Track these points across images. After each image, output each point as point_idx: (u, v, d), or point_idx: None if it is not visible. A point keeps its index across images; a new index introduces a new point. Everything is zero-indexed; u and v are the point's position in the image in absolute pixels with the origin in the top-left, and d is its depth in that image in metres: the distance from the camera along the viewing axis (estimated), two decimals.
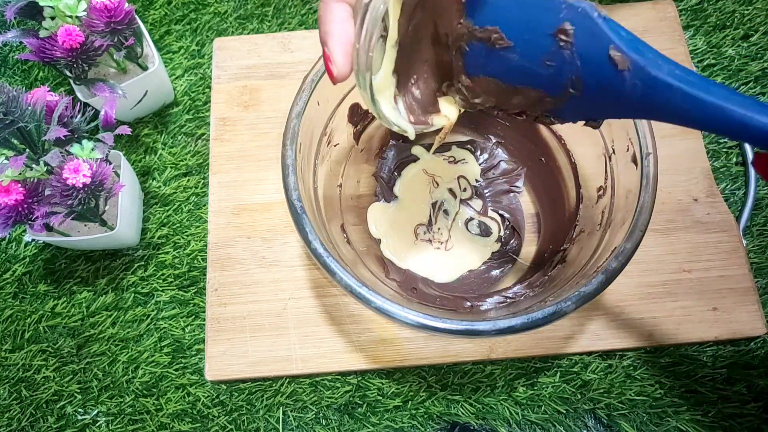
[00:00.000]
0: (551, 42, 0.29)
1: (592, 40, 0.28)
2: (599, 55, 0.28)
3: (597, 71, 0.28)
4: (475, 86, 0.33)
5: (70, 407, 0.48)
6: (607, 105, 0.29)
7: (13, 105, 0.41)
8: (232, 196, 0.53)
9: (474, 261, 0.49)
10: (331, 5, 0.28)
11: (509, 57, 0.31)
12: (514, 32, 0.30)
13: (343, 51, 0.28)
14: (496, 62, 0.31)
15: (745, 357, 0.48)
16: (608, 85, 0.28)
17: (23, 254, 0.53)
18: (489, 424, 0.47)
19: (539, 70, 0.30)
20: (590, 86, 0.29)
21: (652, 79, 0.28)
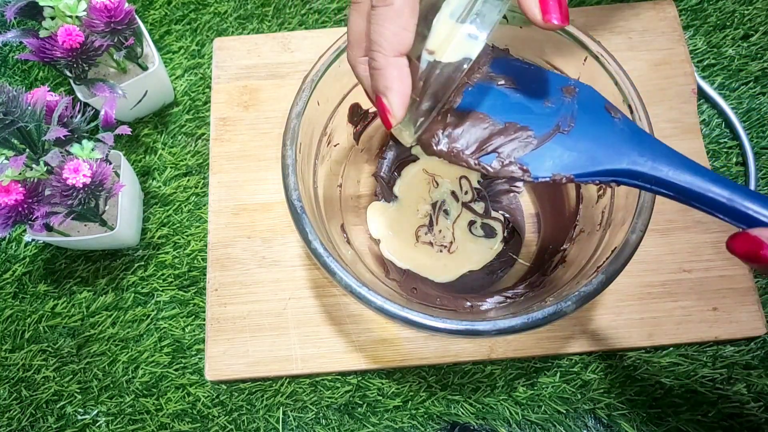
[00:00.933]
0: (557, 92, 0.34)
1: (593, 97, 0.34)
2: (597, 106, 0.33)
3: (592, 115, 0.33)
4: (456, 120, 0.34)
5: (70, 407, 0.48)
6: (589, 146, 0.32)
7: (13, 105, 0.41)
8: (232, 196, 0.53)
9: (477, 262, 0.49)
10: (390, 61, 0.29)
11: (510, 96, 0.34)
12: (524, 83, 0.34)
13: (402, 106, 0.30)
14: (494, 98, 0.34)
15: (745, 357, 0.48)
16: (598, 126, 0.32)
17: (23, 254, 0.53)
18: (489, 424, 0.47)
19: (535, 110, 0.33)
20: (581, 125, 0.32)
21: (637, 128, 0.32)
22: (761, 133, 0.55)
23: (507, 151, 0.33)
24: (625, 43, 0.56)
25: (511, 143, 0.33)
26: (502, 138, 0.33)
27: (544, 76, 0.35)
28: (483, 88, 0.35)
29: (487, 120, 0.34)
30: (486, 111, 0.34)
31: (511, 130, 0.33)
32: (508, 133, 0.33)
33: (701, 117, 0.55)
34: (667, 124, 0.53)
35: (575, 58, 0.41)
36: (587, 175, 0.32)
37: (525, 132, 0.33)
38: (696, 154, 0.53)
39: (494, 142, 0.33)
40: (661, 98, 0.54)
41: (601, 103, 0.33)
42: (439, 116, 0.34)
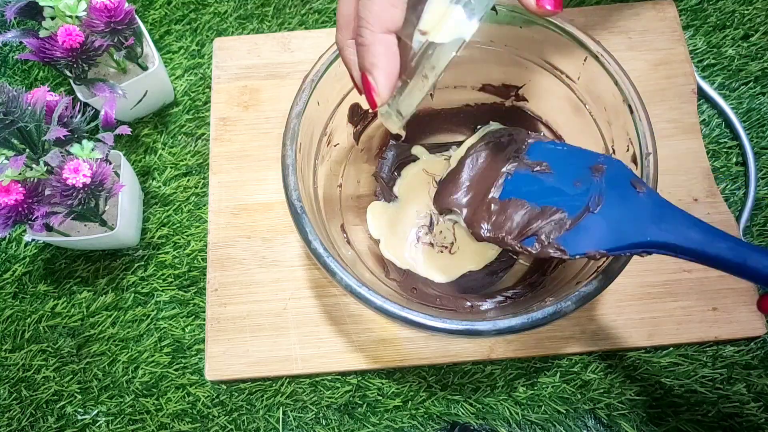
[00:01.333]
0: (586, 171, 0.37)
1: (620, 174, 0.36)
2: (623, 182, 0.35)
3: (618, 192, 0.35)
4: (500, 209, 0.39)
5: (70, 407, 0.48)
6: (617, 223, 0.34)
7: (13, 105, 0.41)
8: (232, 196, 0.53)
9: (479, 262, 0.49)
10: (377, 37, 0.29)
11: (545, 181, 0.38)
12: (557, 165, 0.38)
13: (388, 84, 0.30)
14: (532, 185, 0.39)
15: (745, 357, 0.48)
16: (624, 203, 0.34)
17: (23, 254, 0.53)
18: (489, 424, 0.47)
19: (567, 192, 0.37)
20: (609, 203, 0.35)
21: (661, 201, 0.34)
22: (761, 133, 0.55)
23: (545, 233, 0.36)
24: (625, 43, 0.56)
25: (547, 226, 0.36)
26: (540, 222, 0.37)
27: (575, 156, 0.38)
28: (521, 176, 0.39)
29: (526, 206, 0.38)
30: (524, 197, 0.38)
31: (547, 214, 0.37)
32: (545, 217, 0.37)
33: (701, 117, 0.55)
34: (667, 124, 0.53)
35: (575, 58, 0.41)
36: (618, 249, 0.34)
37: (559, 214, 0.36)
38: (696, 154, 0.53)
39: (533, 226, 0.37)
40: (661, 98, 0.54)
41: (627, 179, 0.35)
42: (485, 206, 0.39)
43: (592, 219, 0.35)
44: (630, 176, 0.35)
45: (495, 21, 0.43)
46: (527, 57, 0.44)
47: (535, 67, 0.45)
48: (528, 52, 0.44)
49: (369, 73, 0.29)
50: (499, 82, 0.48)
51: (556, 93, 0.45)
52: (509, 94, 0.49)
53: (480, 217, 0.39)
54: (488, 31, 0.44)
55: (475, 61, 0.47)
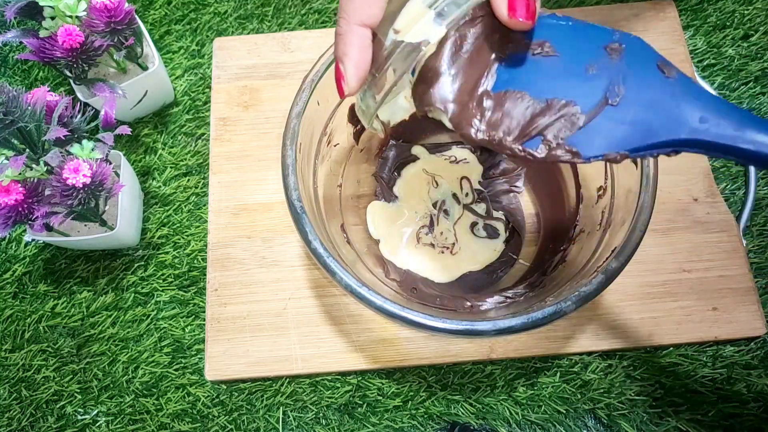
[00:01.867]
0: (600, 52, 0.30)
1: (642, 54, 0.29)
2: (648, 64, 0.29)
3: (643, 77, 0.29)
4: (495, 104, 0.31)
5: (70, 407, 0.48)
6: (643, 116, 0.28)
7: (13, 105, 0.41)
8: (232, 196, 0.53)
9: (481, 263, 0.49)
10: (353, 28, 0.30)
11: (550, 66, 0.31)
12: (564, 45, 0.31)
13: (357, 75, 0.30)
14: (532, 72, 0.31)
15: (745, 357, 0.48)
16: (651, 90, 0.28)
17: (23, 254, 0.53)
18: (489, 424, 0.47)
19: (578, 79, 0.30)
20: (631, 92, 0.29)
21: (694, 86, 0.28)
22: None
23: (553, 132, 0.30)
24: None
25: (556, 123, 0.30)
26: (546, 118, 0.30)
27: (583, 32, 0.31)
28: (518, 60, 0.31)
29: (526, 99, 0.30)
30: (524, 88, 0.31)
31: (554, 108, 0.30)
32: (552, 112, 0.30)
33: None
34: None
35: None
36: (643, 149, 0.28)
37: (570, 108, 0.29)
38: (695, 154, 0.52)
39: (538, 124, 0.30)
40: None
41: (653, 61, 0.29)
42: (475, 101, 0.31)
43: (612, 112, 0.29)
44: (656, 57, 0.29)
45: None
46: None
47: None
48: None
49: (340, 61, 0.31)
50: None
51: None
52: None
53: (470, 115, 0.31)
54: None
55: None
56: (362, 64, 0.30)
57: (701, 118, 0.27)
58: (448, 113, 0.32)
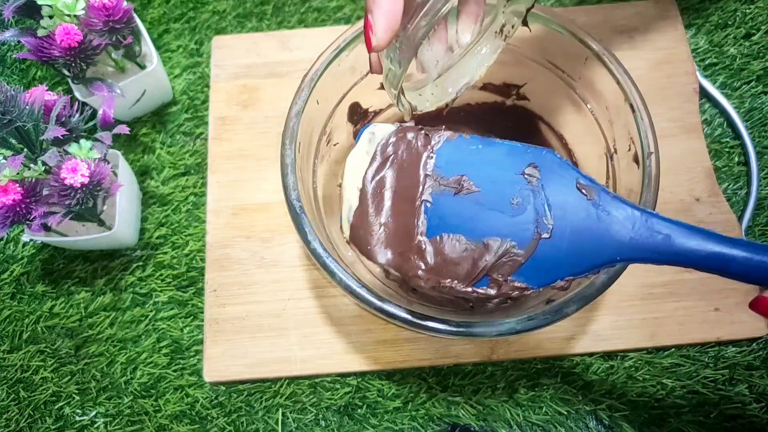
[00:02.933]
0: (518, 180, 0.30)
1: (559, 175, 0.30)
2: (567, 187, 0.29)
3: (566, 204, 0.29)
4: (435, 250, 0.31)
5: (68, 408, 0.48)
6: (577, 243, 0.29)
7: (10, 104, 0.41)
8: (231, 196, 0.53)
9: None
10: None
11: (475, 204, 0.31)
12: (481, 177, 0.31)
13: (387, 26, 0.28)
14: (461, 213, 0.31)
15: (747, 358, 0.48)
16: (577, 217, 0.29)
17: (21, 254, 0.53)
18: (490, 425, 0.46)
19: (506, 215, 0.30)
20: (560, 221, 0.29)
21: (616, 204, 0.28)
22: (763, 132, 0.54)
23: (498, 272, 0.30)
24: (627, 42, 0.56)
25: (498, 263, 0.30)
26: (487, 259, 0.30)
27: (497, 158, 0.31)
28: (444, 203, 0.31)
29: (463, 242, 0.31)
30: (457, 231, 0.31)
31: (492, 250, 0.30)
32: (491, 254, 0.30)
33: (703, 116, 0.55)
34: (669, 124, 0.53)
35: (577, 57, 0.41)
36: (585, 272, 0.30)
37: (507, 246, 0.30)
38: (698, 154, 0.52)
39: (481, 266, 0.30)
40: (662, 97, 0.54)
41: (571, 183, 0.29)
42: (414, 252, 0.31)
43: (548, 244, 0.29)
44: (573, 177, 0.29)
45: None
46: (528, 56, 0.44)
47: (536, 66, 0.44)
48: (529, 51, 0.44)
49: (369, 11, 0.29)
50: (500, 81, 0.48)
51: (558, 92, 0.45)
52: (510, 93, 0.49)
53: (414, 266, 0.31)
54: None
55: None
56: (393, 14, 0.28)
57: (630, 239, 0.28)
58: (391, 266, 0.32)
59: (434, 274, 0.31)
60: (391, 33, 0.29)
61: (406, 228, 0.32)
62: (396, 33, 0.29)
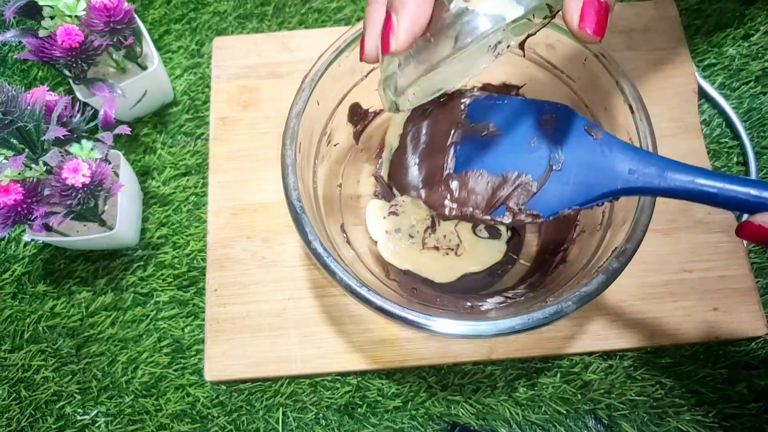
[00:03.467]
0: (536, 127, 0.35)
1: (571, 121, 0.34)
2: (577, 130, 0.34)
3: (576, 142, 0.34)
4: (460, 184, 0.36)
5: (69, 407, 0.48)
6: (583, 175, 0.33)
7: (12, 105, 0.41)
8: (232, 196, 0.53)
9: (485, 263, 0.49)
10: None
11: (498, 144, 0.35)
12: (505, 123, 0.36)
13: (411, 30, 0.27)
14: (485, 151, 0.36)
15: (746, 357, 0.48)
16: (584, 153, 0.33)
17: (22, 254, 0.53)
18: (489, 424, 0.47)
19: (524, 153, 0.35)
20: (569, 157, 0.34)
21: (618, 143, 0.33)
22: (762, 132, 0.55)
23: (513, 201, 0.35)
24: (626, 42, 0.56)
25: (514, 193, 0.35)
26: (505, 190, 0.35)
27: (519, 109, 0.36)
28: (471, 144, 0.36)
29: (485, 175, 0.36)
30: (481, 167, 0.36)
31: (510, 181, 0.35)
32: (509, 184, 0.35)
33: (702, 116, 0.55)
34: (668, 124, 0.53)
35: (576, 57, 0.41)
36: (589, 202, 0.33)
37: (523, 178, 0.35)
38: (696, 154, 0.53)
39: (499, 196, 0.35)
40: (661, 98, 0.54)
41: (581, 126, 0.34)
42: (443, 184, 0.36)
43: (558, 176, 0.34)
44: (583, 122, 0.34)
45: None
46: (528, 56, 0.44)
47: (535, 67, 0.44)
48: (528, 52, 0.44)
49: (394, 11, 0.27)
50: (499, 82, 0.48)
51: (557, 92, 0.45)
52: (509, 93, 0.49)
53: (441, 196, 0.37)
54: None
55: None
56: (420, 20, 0.27)
57: (630, 170, 0.32)
58: (422, 198, 0.37)
59: (458, 203, 0.36)
60: (413, 39, 0.28)
61: (438, 165, 0.37)
62: (415, 40, 0.28)
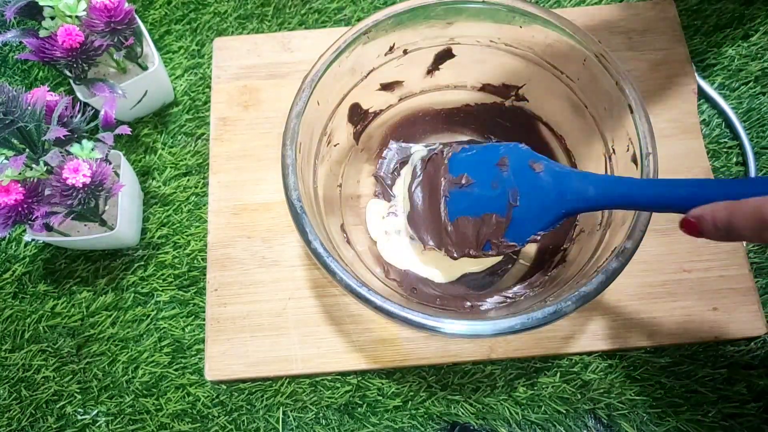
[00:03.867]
0: (496, 170, 0.41)
1: (520, 159, 0.40)
2: (524, 166, 0.39)
3: (524, 178, 0.39)
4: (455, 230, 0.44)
5: (70, 407, 0.48)
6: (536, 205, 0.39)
7: (13, 105, 0.41)
8: (232, 196, 0.53)
9: (485, 263, 0.49)
10: None
11: (473, 192, 0.42)
12: (475, 172, 0.42)
13: None
14: (466, 199, 0.43)
15: (745, 357, 0.48)
16: (532, 186, 0.39)
17: (23, 254, 0.53)
18: (489, 424, 0.47)
19: (491, 195, 0.41)
20: (523, 192, 0.39)
21: (557, 173, 0.38)
22: (761, 132, 0.55)
23: (493, 236, 0.41)
24: (626, 43, 0.56)
25: (492, 230, 0.41)
26: (485, 229, 0.42)
27: (483, 156, 0.43)
28: (455, 195, 0.44)
29: (470, 220, 0.43)
30: (466, 213, 0.43)
31: (486, 221, 0.41)
32: (486, 224, 0.42)
33: (701, 117, 0.55)
34: (667, 124, 0.53)
35: (576, 57, 0.41)
36: (549, 226, 0.39)
37: (495, 217, 0.41)
38: (696, 154, 0.53)
39: (483, 234, 0.42)
40: (661, 98, 0.54)
41: (526, 162, 0.39)
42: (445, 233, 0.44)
43: (518, 211, 0.40)
44: (528, 158, 0.39)
45: (495, 21, 0.43)
46: (527, 57, 0.44)
47: (535, 67, 0.45)
48: (528, 52, 0.44)
49: None
50: (499, 82, 0.48)
51: (557, 93, 0.45)
52: (509, 94, 0.49)
53: (446, 242, 0.44)
54: (488, 31, 0.44)
55: (475, 61, 0.47)
56: None
57: (568, 195, 0.37)
58: (435, 246, 0.45)
59: (458, 247, 0.44)
60: None
61: (437, 217, 0.45)
62: None
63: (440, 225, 0.45)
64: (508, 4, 0.41)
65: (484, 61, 0.46)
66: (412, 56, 0.46)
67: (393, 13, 0.42)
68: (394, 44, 0.44)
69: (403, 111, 0.51)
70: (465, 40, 0.45)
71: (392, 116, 0.51)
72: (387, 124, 0.52)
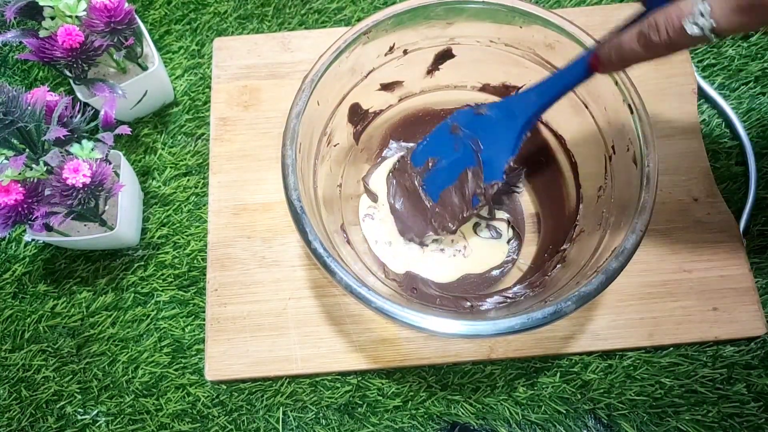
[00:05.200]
0: (452, 137, 0.46)
1: (466, 116, 0.45)
2: (473, 118, 0.44)
3: (478, 126, 0.44)
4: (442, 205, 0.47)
5: (70, 407, 0.48)
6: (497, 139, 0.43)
7: (12, 105, 0.41)
8: (232, 196, 0.53)
9: (487, 264, 0.49)
10: None
11: (442, 164, 0.47)
12: (436, 152, 0.47)
13: None
14: (439, 175, 0.47)
15: (745, 357, 0.48)
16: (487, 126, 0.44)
17: (23, 254, 0.53)
18: (489, 424, 0.47)
19: (457, 156, 0.45)
20: (483, 137, 0.44)
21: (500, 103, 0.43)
22: (761, 132, 0.55)
23: (477, 188, 0.45)
24: None
25: (471, 183, 0.45)
26: (466, 186, 0.45)
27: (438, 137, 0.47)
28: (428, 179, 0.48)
29: (450, 189, 0.46)
30: (444, 185, 0.47)
31: (464, 178, 0.45)
32: (465, 181, 0.45)
33: (701, 117, 0.55)
34: (668, 124, 0.53)
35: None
36: (515, 149, 0.42)
37: (469, 171, 0.45)
38: (696, 154, 0.53)
39: (466, 192, 0.45)
40: (661, 98, 0.54)
41: (472, 113, 0.44)
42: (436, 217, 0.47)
43: (486, 152, 0.44)
44: (471, 111, 0.45)
45: (495, 21, 0.43)
46: (527, 57, 0.44)
47: (535, 67, 0.45)
48: (528, 52, 0.44)
49: None
50: (499, 82, 0.48)
51: None
52: (509, 94, 0.49)
53: (442, 222, 0.47)
54: (488, 31, 0.44)
55: (475, 61, 0.47)
56: None
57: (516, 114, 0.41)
58: (435, 232, 0.48)
59: (451, 217, 0.46)
60: None
61: (425, 211, 0.48)
62: None
63: (429, 214, 0.48)
64: (508, 4, 0.41)
65: (484, 61, 0.46)
66: (412, 56, 0.46)
67: (393, 13, 0.42)
68: (394, 44, 0.44)
69: (403, 111, 0.51)
70: (465, 40, 0.45)
71: (392, 116, 0.51)
72: (387, 124, 0.52)
